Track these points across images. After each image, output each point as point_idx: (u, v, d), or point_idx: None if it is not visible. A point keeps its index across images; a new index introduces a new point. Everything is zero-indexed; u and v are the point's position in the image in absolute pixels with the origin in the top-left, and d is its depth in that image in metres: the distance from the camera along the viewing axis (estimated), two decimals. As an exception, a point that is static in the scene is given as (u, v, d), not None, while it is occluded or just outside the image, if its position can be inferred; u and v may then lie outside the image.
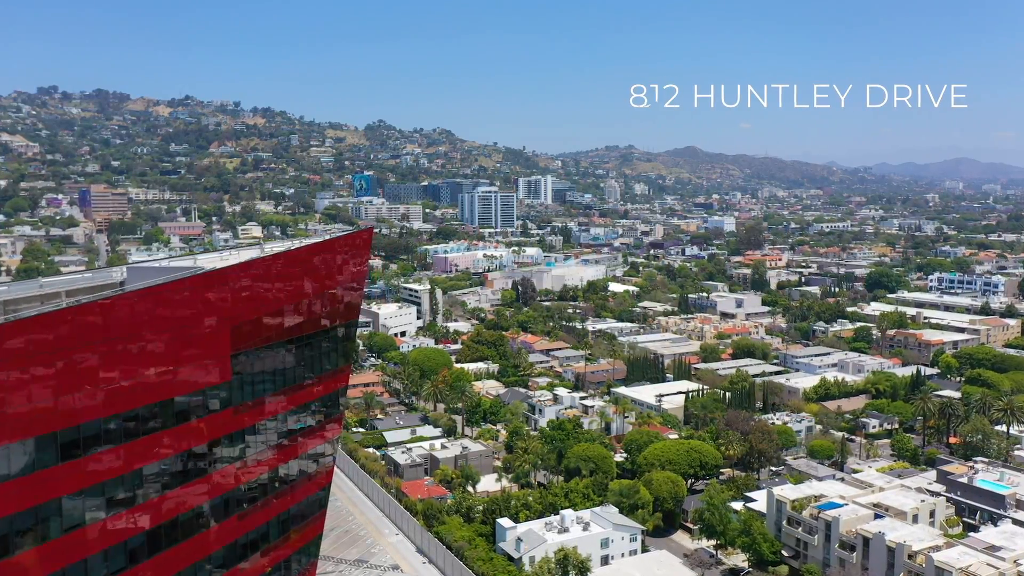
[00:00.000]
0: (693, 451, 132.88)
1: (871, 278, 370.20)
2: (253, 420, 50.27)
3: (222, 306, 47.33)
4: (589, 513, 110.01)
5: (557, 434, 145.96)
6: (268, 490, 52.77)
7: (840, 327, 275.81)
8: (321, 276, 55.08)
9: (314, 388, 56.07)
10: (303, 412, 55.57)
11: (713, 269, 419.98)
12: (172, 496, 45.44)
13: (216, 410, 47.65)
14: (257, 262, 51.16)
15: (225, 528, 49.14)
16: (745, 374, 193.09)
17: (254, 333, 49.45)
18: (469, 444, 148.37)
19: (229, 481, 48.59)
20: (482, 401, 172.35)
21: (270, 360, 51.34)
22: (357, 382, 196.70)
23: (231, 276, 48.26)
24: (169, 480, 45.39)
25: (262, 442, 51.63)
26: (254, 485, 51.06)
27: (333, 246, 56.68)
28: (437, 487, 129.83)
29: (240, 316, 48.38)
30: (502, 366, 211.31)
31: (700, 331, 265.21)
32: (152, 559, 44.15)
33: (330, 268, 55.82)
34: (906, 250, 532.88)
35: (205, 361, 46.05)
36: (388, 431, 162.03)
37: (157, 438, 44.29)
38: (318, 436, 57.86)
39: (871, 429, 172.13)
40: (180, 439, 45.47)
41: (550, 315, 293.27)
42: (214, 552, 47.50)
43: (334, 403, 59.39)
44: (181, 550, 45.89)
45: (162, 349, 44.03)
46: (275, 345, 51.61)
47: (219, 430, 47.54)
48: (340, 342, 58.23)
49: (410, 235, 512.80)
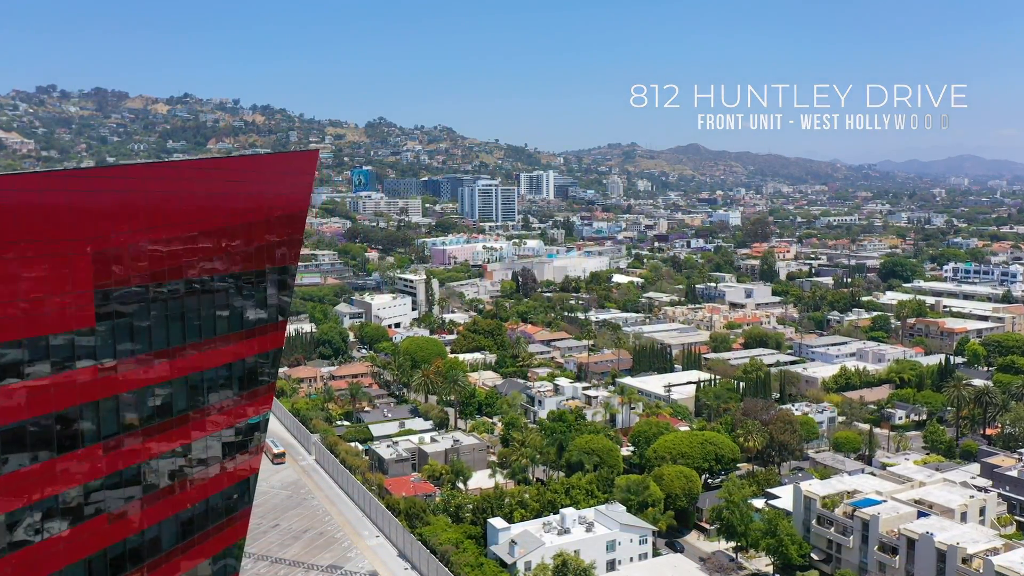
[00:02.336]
0: (708, 443, 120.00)
1: (885, 267, 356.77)
2: (131, 384, 37.64)
3: (83, 221, 34.36)
4: (593, 512, 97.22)
5: (557, 426, 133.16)
6: (156, 482, 39.99)
7: (856, 316, 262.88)
8: (245, 200, 42.44)
9: (229, 347, 43.27)
10: (211, 379, 42.80)
11: (720, 260, 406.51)
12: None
13: (68, 366, 34.79)
14: (149, 168, 38.14)
15: (82, 534, 36.14)
16: (760, 363, 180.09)
17: (137, 265, 36.80)
18: (461, 437, 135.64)
19: (89, 468, 35.69)
20: (477, 392, 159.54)
21: (163, 304, 38.60)
22: (344, 373, 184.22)
23: (104, 182, 35.50)
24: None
25: (148, 416, 38.88)
26: (133, 475, 38.36)
27: (265, 164, 43.97)
28: (424, 484, 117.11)
29: (112, 238, 35.57)
30: (500, 357, 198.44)
31: (709, 321, 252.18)
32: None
33: (259, 192, 43.14)
34: (917, 242, 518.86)
35: (54, 296, 33.35)
36: (374, 424, 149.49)
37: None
38: (233, 412, 44.96)
39: (897, 420, 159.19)
40: (11, 402, 32.78)
41: (551, 306, 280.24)
42: (63, 568, 34.56)
43: (259, 370, 46.67)
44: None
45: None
46: (170, 284, 38.85)
47: (74, 394, 34.74)
48: (269, 291, 45.36)
49: (408, 228, 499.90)
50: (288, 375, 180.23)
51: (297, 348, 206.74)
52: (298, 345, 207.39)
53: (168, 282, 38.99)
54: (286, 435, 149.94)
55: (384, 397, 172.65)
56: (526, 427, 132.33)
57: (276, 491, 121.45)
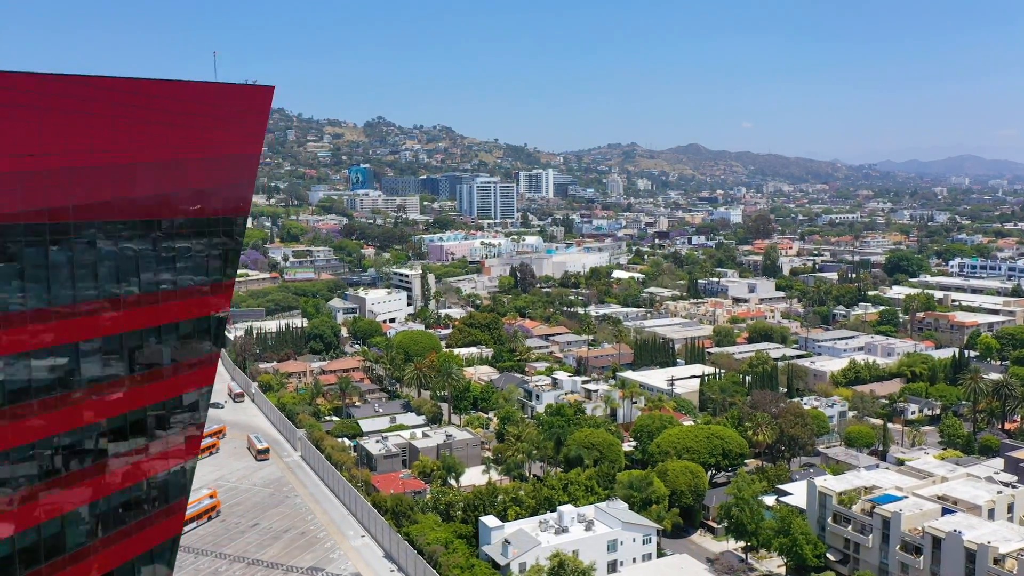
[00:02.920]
0: (715, 438, 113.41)
1: (890, 262, 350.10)
2: (15, 345, 31.06)
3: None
4: (593, 509, 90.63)
5: (556, 420, 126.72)
6: (55, 464, 33.14)
7: (863, 311, 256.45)
8: (180, 134, 35.81)
9: (154, 308, 36.58)
10: (128, 344, 36.09)
11: (722, 256, 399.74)
12: None
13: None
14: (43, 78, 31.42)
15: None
16: (766, 356, 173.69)
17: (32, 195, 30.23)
18: (455, 432, 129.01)
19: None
20: (471, 387, 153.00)
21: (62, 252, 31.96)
22: (335, 368, 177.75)
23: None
24: None
25: (43, 385, 32.10)
26: (27, 456, 31.77)
27: (209, 93, 37.26)
28: (414, 480, 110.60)
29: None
30: (496, 351, 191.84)
31: (712, 315, 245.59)
32: None
33: (199, 124, 36.51)
34: (921, 239, 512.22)
35: None
36: (364, 419, 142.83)
37: None
38: (163, 387, 38.23)
39: (910, 415, 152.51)
40: None
41: (550, 301, 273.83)
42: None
43: (195, 337, 40.10)
44: None
45: None
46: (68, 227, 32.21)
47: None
48: (209, 245, 38.71)
49: (405, 224, 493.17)
50: (276, 369, 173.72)
51: (287, 343, 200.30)
52: (288, 340, 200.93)
53: (58, 225, 32.31)
54: (272, 431, 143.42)
55: (376, 392, 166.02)
56: (522, 422, 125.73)
57: (258, 488, 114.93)
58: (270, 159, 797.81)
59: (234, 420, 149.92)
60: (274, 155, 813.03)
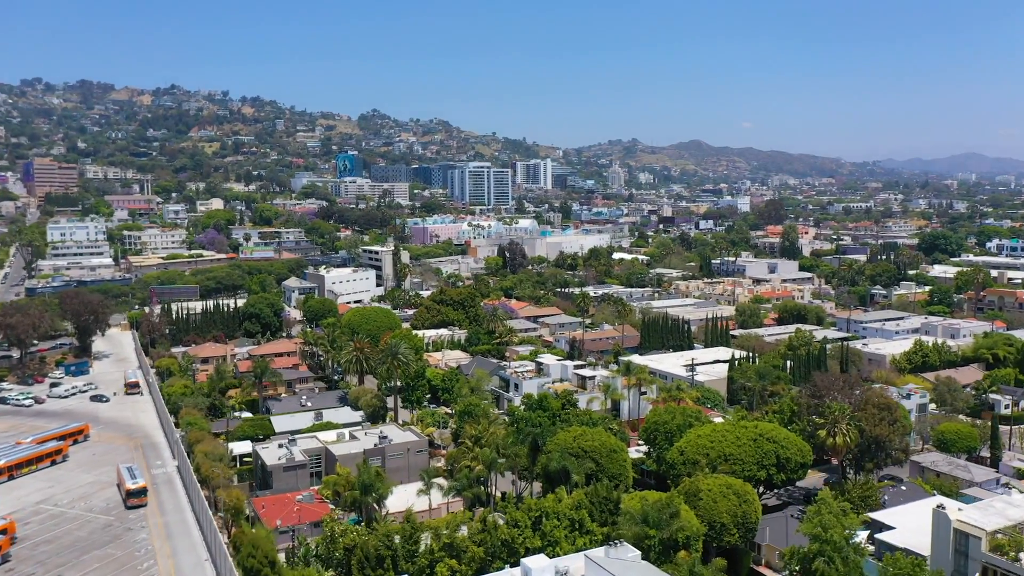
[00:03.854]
0: (765, 440, 76.81)
1: (925, 242, 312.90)
2: None
3: None
4: (583, 561, 53.88)
5: (535, 416, 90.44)
6: None
7: (905, 291, 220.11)
8: None
9: None
10: None
11: (735, 238, 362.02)
12: None
13: None
14: None
15: None
16: (809, 335, 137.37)
17: None
18: (394, 433, 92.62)
19: None
20: (427, 373, 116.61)
21: None
22: (266, 352, 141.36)
23: None
24: None
25: None
26: None
27: None
28: (316, 505, 74.20)
29: None
30: (472, 333, 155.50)
31: (732, 294, 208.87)
32: None
33: None
34: (944, 224, 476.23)
35: None
36: (281, 416, 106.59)
37: None
38: None
39: (1003, 409, 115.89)
40: None
41: (542, 281, 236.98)
42: None
43: None
44: None
45: None
46: None
47: None
48: None
49: (389, 208, 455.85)
50: (185, 354, 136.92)
51: (216, 323, 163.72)
52: (217, 320, 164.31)
53: None
54: (157, 432, 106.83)
55: (309, 381, 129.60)
56: (487, 418, 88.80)
57: (93, 516, 78.26)
58: (256, 148, 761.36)
59: (115, 417, 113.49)
60: (260, 145, 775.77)
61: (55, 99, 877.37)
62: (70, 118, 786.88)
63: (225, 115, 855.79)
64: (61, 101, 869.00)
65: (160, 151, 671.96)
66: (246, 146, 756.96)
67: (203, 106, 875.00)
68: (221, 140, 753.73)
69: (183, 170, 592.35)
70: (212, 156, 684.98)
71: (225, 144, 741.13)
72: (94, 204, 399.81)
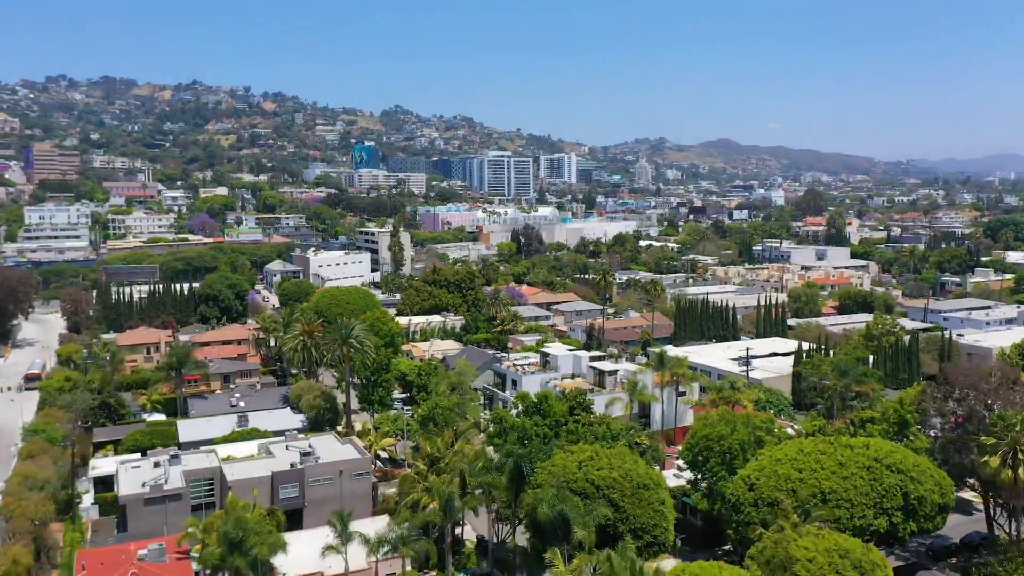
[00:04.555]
0: (886, 469, 48.14)
1: (991, 228, 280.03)
2: None
3: None
4: None
5: (531, 424, 62.41)
6: None
7: (982, 278, 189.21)
8: None
9: None
10: None
11: (775, 227, 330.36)
12: None
13: None
14: None
15: None
16: (893, 322, 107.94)
17: None
18: (329, 446, 64.96)
19: None
20: (399, 364, 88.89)
21: None
22: (211, 340, 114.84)
23: None
24: None
25: None
26: None
27: None
28: (170, 566, 46.54)
29: None
30: (470, 319, 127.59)
31: (780, 281, 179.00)
32: None
33: None
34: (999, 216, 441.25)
35: None
36: (196, 420, 79.51)
37: None
38: None
39: None
40: None
41: (559, 267, 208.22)
42: None
43: None
44: None
45: None
46: None
47: None
48: None
49: (401, 196, 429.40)
50: (102, 340, 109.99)
51: (167, 307, 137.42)
52: (168, 303, 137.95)
53: None
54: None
55: (254, 375, 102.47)
56: (453, 426, 60.59)
57: None
58: (273, 141, 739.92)
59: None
60: (278, 138, 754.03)
61: (77, 95, 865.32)
62: (91, 112, 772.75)
63: (244, 109, 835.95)
64: (84, 97, 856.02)
65: (174, 143, 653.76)
66: (263, 139, 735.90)
67: (222, 99, 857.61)
68: (238, 133, 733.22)
69: (194, 160, 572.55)
70: (227, 148, 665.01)
71: (241, 137, 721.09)
72: (89, 190, 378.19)
